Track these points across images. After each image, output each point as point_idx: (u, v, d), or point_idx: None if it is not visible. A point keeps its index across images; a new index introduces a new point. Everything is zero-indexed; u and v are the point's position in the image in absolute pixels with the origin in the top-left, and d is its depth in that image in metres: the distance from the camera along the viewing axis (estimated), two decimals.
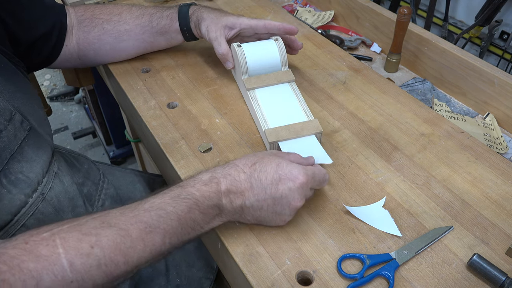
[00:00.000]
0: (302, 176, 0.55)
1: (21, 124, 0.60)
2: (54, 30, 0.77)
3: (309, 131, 0.68)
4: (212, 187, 0.54)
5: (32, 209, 0.62)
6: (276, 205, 0.56)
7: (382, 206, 0.62)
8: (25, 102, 0.63)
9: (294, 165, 0.57)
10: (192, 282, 0.83)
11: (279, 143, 0.68)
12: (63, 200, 0.67)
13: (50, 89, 2.41)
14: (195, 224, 0.53)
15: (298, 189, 0.56)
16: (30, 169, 0.61)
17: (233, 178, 0.55)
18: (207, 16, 0.80)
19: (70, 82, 1.21)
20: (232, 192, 0.54)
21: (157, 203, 0.51)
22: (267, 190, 0.55)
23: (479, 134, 0.79)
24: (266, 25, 0.80)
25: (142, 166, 1.47)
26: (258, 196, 0.55)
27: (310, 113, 0.72)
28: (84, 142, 2.10)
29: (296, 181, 0.55)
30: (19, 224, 0.60)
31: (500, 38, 1.04)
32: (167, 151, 0.71)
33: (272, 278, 0.54)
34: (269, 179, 0.55)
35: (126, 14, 0.83)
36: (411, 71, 0.96)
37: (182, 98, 0.81)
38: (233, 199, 0.55)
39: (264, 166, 0.56)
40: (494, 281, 0.52)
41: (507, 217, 0.61)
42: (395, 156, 0.69)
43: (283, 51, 0.78)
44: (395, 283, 0.53)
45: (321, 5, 1.16)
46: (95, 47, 0.83)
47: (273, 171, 0.55)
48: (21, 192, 0.59)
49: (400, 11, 0.85)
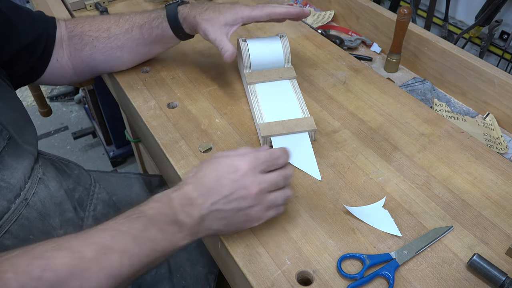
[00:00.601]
0: (244, 163, 0.53)
1: (1, 133, 0.59)
2: (39, 42, 0.74)
3: (303, 127, 0.69)
4: (164, 203, 0.52)
5: (16, 214, 0.61)
6: (231, 202, 0.53)
7: (382, 206, 0.62)
8: (5, 112, 0.61)
9: (235, 157, 0.54)
10: (199, 280, 0.83)
11: (271, 138, 0.69)
12: (48, 205, 0.66)
13: (50, 89, 2.41)
14: (155, 244, 0.50)
15: (243, 177, 0.53)
16: (11, 175, 0.60)
17: (183, 192, 0.53)
18: (200, 19, 0.73)
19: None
20: (185, 204, 0.52)
21: (110, 224, 0.49)
22: (213, 190, 0.52)
23: (479, 134, 0.79)
24: (270, 15, 0.74)
25: (142, 166, 1.47)
26: (210, 200, 0.52)
27: (307, 110, 0.72)
28: (84, 142, 2.10)
29: (238, 171, 0.53)
30: (3, 230, 0.59)
31: (500, 38, 1.04)
32: (167, 151, 0.71)
33: (272, 278, 0.54)
34: (211, 180, 0.53)
35: (114, 28, 0.79)
36: (411, 71, 0.96)
37: (182, 98, 0.81)
38: (189, 212, 0.52)
39: (204, 170, 0.54)
40: (494, 281, 0.52)
41: (507, 217, 0.61)
42: (395, 156, 0.69)
43: (287, 48, 0.79)
44: (395, 283, 0.53)
45: (321, 5, 1.16)
46: (90, 65, 0.81)
47: (214, 171, 0.53)
48: (3, 198, 0.59)
49: (400, 11, 0.85)
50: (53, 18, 0.79)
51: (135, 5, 1.08)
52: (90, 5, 1.06)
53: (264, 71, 0.79)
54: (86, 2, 1.05)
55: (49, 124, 2.19)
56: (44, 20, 0.77)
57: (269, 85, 0.78)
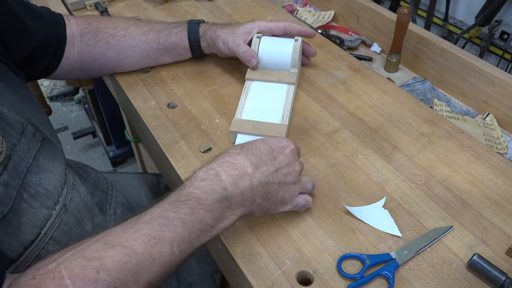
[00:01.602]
0: (290, 143, 0.58)
1: (34, 136, 0.59)
2: (51, 41, 0.74)
3: (271, 133, 0.69)
4: (211, 180, 0.51)
5: (57, 221, 0.61)
6: (279, 175, 0.55)
7: (382, 206, 0.62)
8: (35, 113, 0.61)
9: (279, 139, 0.58)
10: (205, 278, 0.83)
11: (237, 135, 0.69)
12: (82, 210, 0.67)
13: (50, 89, 2.41)
14: (203, 224, 0.50)
15: (292, 154, 0.57)
16: (48, 180, 0.60)
17: (231, 164, 0.53)
18: (221, 32, 0.79)
19: (70, 82, 1.21)
20: (235, 176, 0.52)
21: (157, 212, 0.48)
22: (267, 162, 0.54)
23: (479, 134, 0.79)
24: (286, 28, 0.80)
25: (142, 166, 1.47)
26: (262, 170, 0.54)
27: (287, 118, 0.71)
28: (84, 142, 2.10)
29: (288, 148, 0.57)
30: (47, 237, 0.59)
31: (500, 38, 1.04)
32: (167, 151, 0.71)
33: (272, 278, 0.54)
34: (264, 152, 0.55)
35: (132, 28, 0.81)
36: (411, 71, 0.96)
37: (182, 98, 0.81)
38: (239, 183, 0.52)
39: (253, 144, 0.56)
40: (494, 281, 0.52)
41: (507, 217, 0.61)
42: (395, 156, 0.69)
43: (297, 53, 0.78)
44: (395, 283, 0.53)
45: (321, 5, 1.16)
46: (99, 62, 0.81)
47: (264, 145, 0.56)
48: (42, 205, 0.59)
49: (400, 11, 0.85)
50: (61, 15, 0.79)
51: (135, 5, 1.09)
52: (90, 5, 1.06)
53: (266, 70, 0.79)
54: (86, 2, 1.05)
55: None
56: (53, 18, 0.77)
57: (265, 85, 0.78)
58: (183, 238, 0.48)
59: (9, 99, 0.57)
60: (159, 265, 0.46)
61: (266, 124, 0.70)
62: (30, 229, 0.57)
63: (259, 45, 0.79)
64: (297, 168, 0.57)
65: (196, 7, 1.08)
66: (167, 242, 0.47)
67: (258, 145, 0.56)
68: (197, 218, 0.49)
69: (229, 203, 0.52)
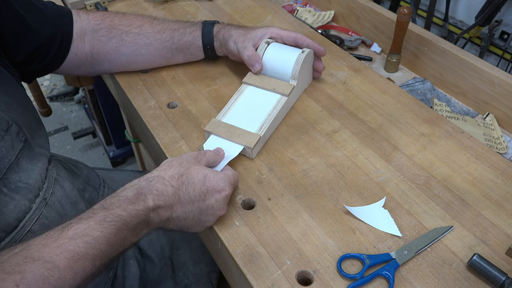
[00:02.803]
0: (228, 187, 0.58)
1: (17, 135, 0.59)
2: (54, 40, 0.73)
3: (241, 140, 0.68)
4: (139, 205, 0.53)
5: (37, 214, 0.61)
6: (202, 215, 0.57)
7: (382, 206, 0.62)
8: (21, 114, 0.62)
9: (220, 175, 0.58)
10: (201, 278, 0.83)
11: (211, 135, 0.70)
12: (65, 204, 0.67)
13: (50, 89, 2.41)
14: (126, 242, 0.52)
15: (224, 199, 0.58)
16: (28, 176, 0.60)
17: (160, 193, 0.55)
18: (234, 32, 0.79)
19: (70, 82, 1.21)
20: (160, 206, 0.55)
21: (82, 229, 0.49)
22: (194, 202, 0.56)
23: (479, 134, 0.79)
24: (297, 39, 0.79)
25: (142, 166, 1.47)
26: (186, 208, 0.56)
27: (265, 129, 0.70)
28: (84, 142, 2.10)
29: (223, 193, 0.57)
30: (25, 230, 0.60)
31: (500, 38, 1.04)
32: (167, 151, 0.71)
33: (272, 278, 0.54)
34: (197, 192, 0.56)
35: (147, 27, 0.80)
36: (411, 71, 0.96)
37: (182, 98, 0.81)
38: (161, 213, 0.55)
39: (191, 178, 0.57)
40: (494, 281, 0.52)
41: (507, 217, 0.61)
42: (395, 156, 0.69)
43: (299, 65, 0.75)
44: (395, 283, 0.53)
45: (321, 5, 1.16)
46: (110, 58, 0.81)
47: (201, 183, 0.57)
48: (24, 197, 0.59)
49: (400, 11, 0.85)
50: (69, 11, 0.78)
51: (135, 5, 1.09)
52: (90, 5, 1.06)
53: (266, 77, 0.78)
54: (86, 2, 1.05)
55: (49, 124, 2.19)
56: (59, 14, 0.76)
57: (259, 92, 0.77)
58: (106, 255, 0.50)
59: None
60: (81, 279, 0.47)
61: (240, 130, 0.69)
62: (11, 221, 0.58)
63: (265, 51, 0.78)
64: (222, 213, 0.59)
65: (196, 7, 1.08)
66: (90, 258, 0.48)
67: (195, 182, 0.56)
68: (121, 237, 0.51)
69: (147, 224, 0.55)
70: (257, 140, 0.68)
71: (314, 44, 0.78)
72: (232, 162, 0.68)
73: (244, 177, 0.66)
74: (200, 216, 0.57)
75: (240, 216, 0.61)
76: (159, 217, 0.55)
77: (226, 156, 0.66)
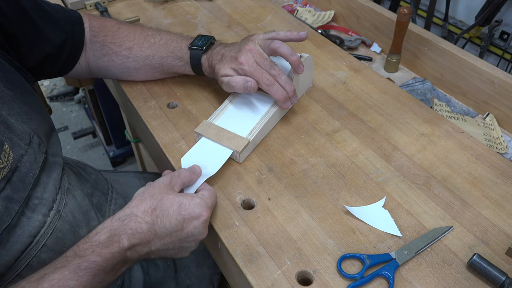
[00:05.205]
0: (206, 211, 0.56)
1: (39, 147, 0.58)
2: (65, 46, 0.73)
3: (229, 144, 0.67)
4: (113, 248, 0.52)
5: (51, 228, 0.60)
6: (182, 242, 0.57)
7: (382, 206, 0.62)
8: (40, 123, 0.60)
9: (195, 200, 0.56)
10: (203, 280, 0.83)
11: (202, 137, 0.69)
12: (77, 215, 0.66)
13: (50, 89, 2.41)
14: (105, 281, 0.52)
15: (203, 224, 0.56)
16: (44, 190, 0.59)
17: (135, 231, 0.53)
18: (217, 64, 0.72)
19: (70, 82, 1.21)
20: (137, 244, 0.54)
21: (56, 280, 0.48)
22: (172, 233, 0.55)
23: (479, 134, 0.79)
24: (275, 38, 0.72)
25: (142, 166, 1.47)
26: (164, 241, 0.55)
27: (255, 134, 0.69)
28: (84, 142, 2.10)
29: (200, 218, 0.56)
30: (39, 245, 0.58)
31: (500, 38, 1.04)
32: (167, 151, 0.71)
33: (272, 278, 0.54)
34: (173, 223, 0.55)
35: (136, 50, 0.77)
36: (411, 71, 0.96)
37: (182, 98, 0.81)
38: (138, 249, 0.54)
39: (166, 210, 0.55)
40: (494, 281, 0.52)
41: (507, 217, 0.61)
42: (395, 156, 0.69)
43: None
44: (395, 283, 0.53)
45: (321, 5, 1.16)
46: (103, 73, 0.81)
47: (176, 214, 0.55)
48: (39, 213, 0.58)
49: (400, 11, 0.85)
50: (78, 16, 0.77)
51: (135, 5, 1.09)
52: (90, 5, 1.06)
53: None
54: (86, 2, 1.05)
55: None
56: (69, 20, 0.75)
57: (253, 96, 0.76)
58: None
59: (17, 109, 0.57)
60: None
61: (230, 134, 0.69)
62: (25, 239, 0.56)
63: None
64: (203, 237, 0.58)
65: (196, 7, 1.08)
66: None
67: (170, 213, 0.55)
68: (98, 280, 0.51)
69: (126, 262, 0.55)
70: (246, 145, 0.67)
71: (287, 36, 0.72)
72: (232, 162, 0.68)
73: (244, 177, 0.66)
74: (181, 244, 0.57)
75: (240, 216, 0.61)
76: (137, 254, 0.54)
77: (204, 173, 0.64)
